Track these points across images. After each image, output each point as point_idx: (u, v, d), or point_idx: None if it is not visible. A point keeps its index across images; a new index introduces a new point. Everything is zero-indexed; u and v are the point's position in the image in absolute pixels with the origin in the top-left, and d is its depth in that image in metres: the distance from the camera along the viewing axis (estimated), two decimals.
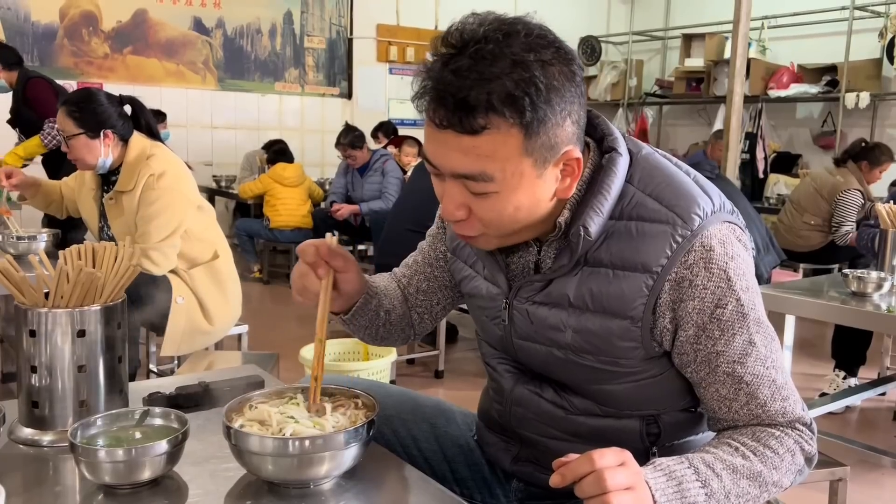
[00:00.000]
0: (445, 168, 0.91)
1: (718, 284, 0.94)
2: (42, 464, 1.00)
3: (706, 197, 0.97)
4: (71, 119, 2.34)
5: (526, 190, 0.91)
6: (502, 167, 0.88)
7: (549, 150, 0.89)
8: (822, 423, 2.84)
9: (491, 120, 0.85)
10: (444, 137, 0.88)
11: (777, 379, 0.97)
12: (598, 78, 7.92)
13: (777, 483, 0.94)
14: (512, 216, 0.93)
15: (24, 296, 1.06)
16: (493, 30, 0.87)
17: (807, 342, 4.23)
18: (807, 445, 0.97)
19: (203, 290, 2.44)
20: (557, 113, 0.87)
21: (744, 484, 0.91)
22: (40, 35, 5.40)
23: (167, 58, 5.95)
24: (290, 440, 0.89)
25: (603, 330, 0.98)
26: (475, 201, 0.92)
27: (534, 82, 0.84)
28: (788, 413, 0.97)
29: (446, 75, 0.85)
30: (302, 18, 6.59)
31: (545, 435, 1.10)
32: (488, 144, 0.86)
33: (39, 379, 1.04)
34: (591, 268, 0.98)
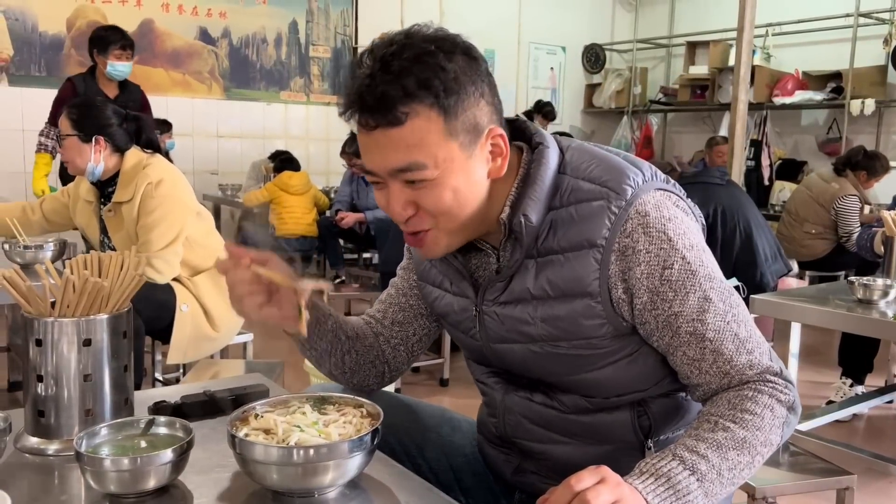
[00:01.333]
0: (382, 169, 0.96)
1: (661, 246, 0.97)
2: (48, 473, 1.00)
3: (636, 169, 1.02)
4: (69, 120, 2.38)
5: (459, 172, 0.96)
6: (432, 153, 0.93)
7: (472, 131, 0.96)
8: (828, 432, 2.84)
9: (411, 107, 0.91)
10: (375, 139, 0.94)
11: (739, 332, 0.98)
12: (603, 86, 7.93)
13: (766, 442, 0.94)
14: (453, 201, 0.97)
15: (30, 305, 1.06)
16: (395, 37, 0.95)
17: (813, 350, 4.21)
18: (782, 395, 0.97)
19: (207, 296, 2.45)
20: (471, 94, 0.94)
21: (732, 455, 0.92)
22: (48, 45, 5.44)
23: (173, 67, 5.98)
24: (294, 449, 0.89)
25: (568, 313, 1.00)
26: (417, 195, 0.97)
27: (441, 66, 0.92)
28: (756, 364, 0.98)
29: (364, 82, 0.93)
30: (307, 28, 6.62)
31: (541, 440, 1.11)
32: (414, 133, 0.92)
33: (45, 388, 1.05)
34: (544, 258, 1.01)
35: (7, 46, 5.29)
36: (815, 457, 1.94)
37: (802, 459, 1.93)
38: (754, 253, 3.53)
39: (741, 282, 3.52)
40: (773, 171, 6.58)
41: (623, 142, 7.83)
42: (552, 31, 7.78)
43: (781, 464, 1.91)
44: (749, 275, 3.52)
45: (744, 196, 3.80)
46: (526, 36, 7.65)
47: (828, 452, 2.29)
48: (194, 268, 2.46)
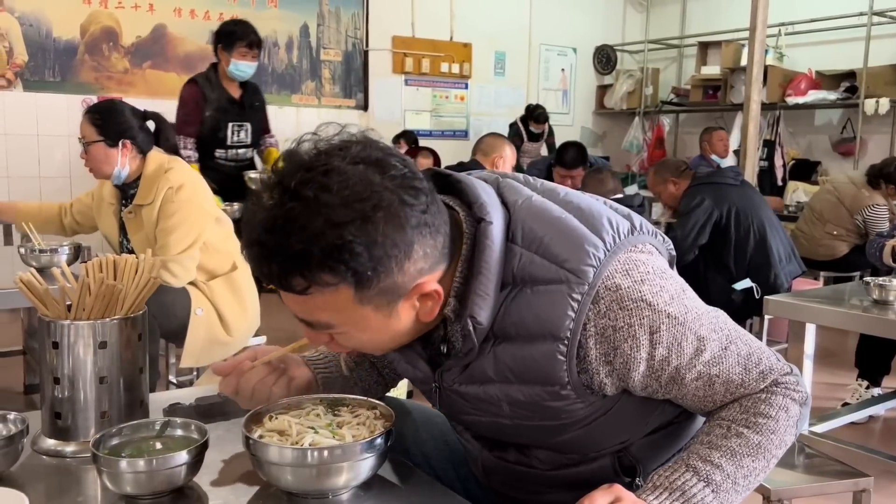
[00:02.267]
0: (294, 313, 0.89)
1: (642, 315, 0.90)
2: (65, 474, 1.01)
3: (594, 238, 0.91)
4: (93, 126, 2.38)
5: (376, 328, 0.88)
6: (340, 316, 0.86)
7: (392, 294, 0.85)
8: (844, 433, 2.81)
9: (312, 282, 0.81)
10: (281, 291, 0.86)
11: (741, 351, 0.96)
12: (614, 87, 7.90)
13: (781, 443, 0.93)
14: (374, 343, 0.92)
15: (47, 308, 1.07)
16: (311, 176, 0.80)
17: (828, 351, 4.18)
18: (795, 394, 0.96)
19: (222, 301, 2.46)
20: (392, 259, 0.82)
21: (747, 462, 0.90)
22: (62, 51, 5.49)
23: (186, 72, 6.01)
24: (308, 450, 0.89)
25: (533, 398, 0.95)
26: (336, 336, 0.91)
27: (349, 248, 0.79)
28: (767, 375, 0.96)
29: (262, 234, 0.81)
30: (318, 31, 6.64)
31: (525, 491, 1.10)
32: (317, 301, 0.84)
33: (62, 390, 1.05)
34: (500, 340, 0.93)
35: (22, 52, 5.34)
36: (830, 459, 1.92)
37: (818, 461, 1.91)
38: (768, 254, 3.51)
39: (755, 283, 3.50)
40: (787, 172, 6.54)
41: (635, 143, 7.81)
42: (563, 33, 7.77)
43: (797, 465, 1.89)
44: (763, 276, 3.50)
45: (758, 196, 3.78)
46: (537, 38, 7.64)
47: (844, 454, 2.27)
48: (210, 272, 2.47)
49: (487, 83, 7.32)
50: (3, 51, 5.27)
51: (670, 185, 3.75)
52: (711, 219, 3.48)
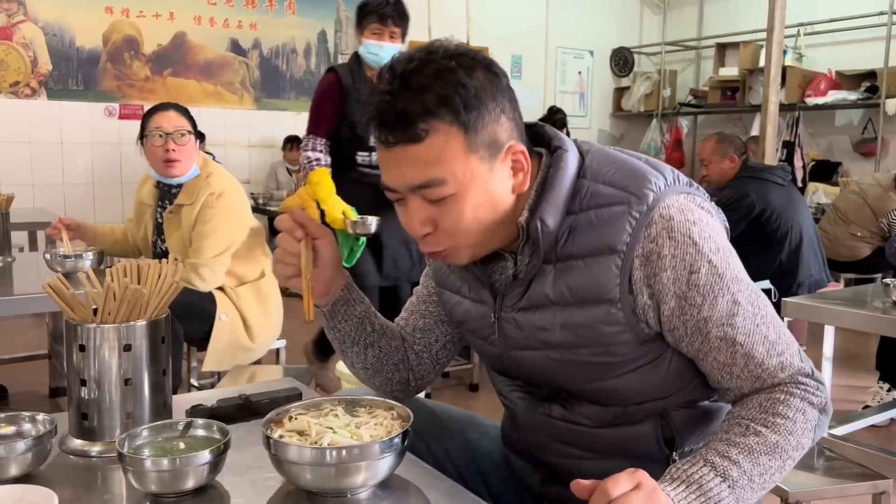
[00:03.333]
0: (402, 185, 0.96)
1: (686, 251, 0.95)
2: (91, 473, 1.04)
3: (657, 173, 1.00)
4: (186, 119, 2.46)
5: (480, 188, 0.96)
6: (452, 169, 0.93)
7: (493, 146, 0.95)
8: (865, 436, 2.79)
9: (431, 124, 0.92)
10: (395, 156, 0.94)
11: (769, 335, 0.97)
12: (632, 89, 7.88)
13: (798, 446, 0.94)
14: (473, 217, 0.97)
15: (74, 312, 1.10)
16: (415, 54, 0.95)
17: (849, 354, 4.14)
18: (814, 398, 0.96)
19: (248, 307, 2.49)
20: (491, 110, 0.94)
21: (764, 461, 0.91)
22: (85, 59, 5.58)
23: (205, 79, 6.09)
24: (327, 450, 0.91)
25: (587, 319, 0.99)
26: (437, 212, 0.96)
27: (461, 83, 0.92)
28: (787, 367, 0.97)
29: (384, 99, 0.93)
30: (336, 37, 6.69)
31: (565, 456, 1.11)
32: (434, 150, 0.92)
33: (88, 392, 1.08)
34: (563, 263, 1.00)
35: (46, 61, 5.44)
36: (850, 461, 1.91)
37: (838, 464, 1.90)
38: (798, 263, 3.48)
39: (774, 286, 3.47)
40: (807, 173, 6.49)
41: (653, 145, 7.77)
42: (580, 36, 7.76)
43: (816, 468, 1.89)
44: (786, 283, 3.47)
45: (801, 201, 3.71)
46: (553, 41, 7.64)
47: (864, 457, 2.25)
48: (240, 278, 2.51)
49: None
50: (27, 60, 5.36)
51: (728, 160, 3.66)
52: (750, 215, 3.45)
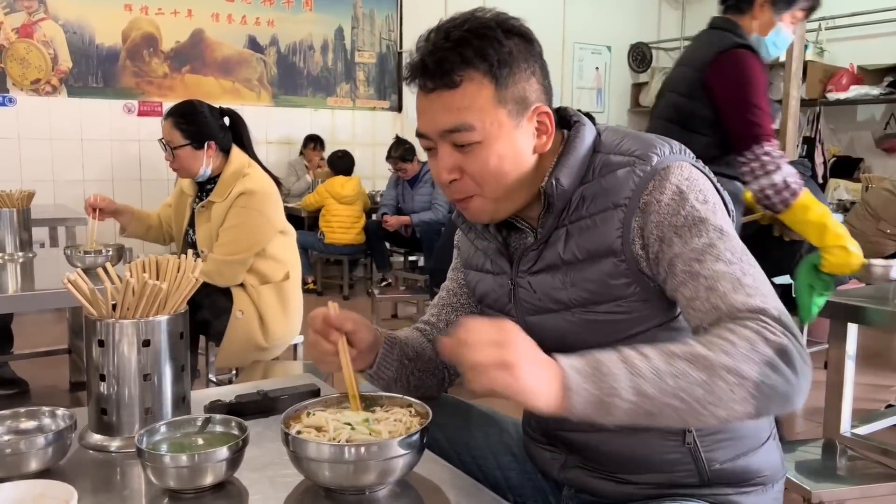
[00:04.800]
0: (434, 130, 1.03)
1: (672, 198, 0.99)
2: (110, 468, 1.04)
3: (665, 143, 1.05)
4: (178, 131, 2.45)
5: (505, 139, 1.02)
6: (481, 117, 1.00)
7: (521, 103, 1.03)
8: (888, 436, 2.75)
9: (466, 73, 0.99)
10: (431, 101, 1.02)
11: (743, 280, 0.93)
12: (649, 84, 7.82)
13: (732, 369, 0.83)
14: (498, 167, 1.03)
15: (93, 308, 1.10)
16: (461, 15, 1.04)
17: (872, 352, 4.09)
18: (771, 335, 0.86)
19: (267, 307, 2.50)
20: (522, 70, 1.02)
21: (681, 365, 0.84)
22: (104, 57, 5.62)
23: (223, 76, 6.11)
24: (346, 447, 0.90)
25: (595, 274, 1.03)
26: (464, 159, 1.03)
27: (497, 40, 1.00)
28: (751, 304, 0.90)
29: (428, 49, 1.02)
30: (353, 34, 6.70)
31: (583, 429, 1.09)
32: (466, 97, 1.00)
33: (108, 387, 1.09)
34: (574, 225, 1.06)
35: (66, 59, 5.48)
36: (873, 461, 1.88)
37: (861, 464, 1.87)
38: None
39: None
40: (828, 169, 6.41)
41: None
42: (597, 31, 7.72)
43: (839, 468, 1.86)
44: None
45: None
46: (570, 36, 7.60)
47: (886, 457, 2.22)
48: (263, 277, 2.52)
49: None
50: (48, 57, 5.41)
51: None
52: None
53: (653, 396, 0.83)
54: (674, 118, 2.25)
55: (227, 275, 2.40)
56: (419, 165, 5.48)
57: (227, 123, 2.56)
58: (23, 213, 2.70)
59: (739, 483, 1.08)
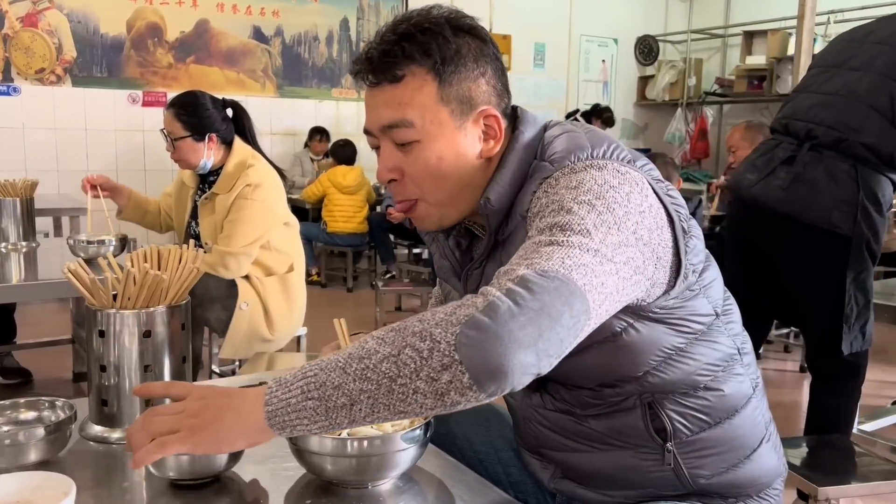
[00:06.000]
0: (376, 125, 0.99)
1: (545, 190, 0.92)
2: (111, 459, 1.03)
3: (589, 146, 0.96)
4: (179, 122, 2.43)
5: (446, 140, 0.98)
6: (421, 114, 0.96)
7: (466, 104, 0.98)
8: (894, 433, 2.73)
9: (408, 68, 0.96)
10: (374, 96, 0.99)
11: (541, 242, 0.82)
12: (656, 78, 7.79)
13: (423, 334, 0.74)
14: (437, 168, 0.98)
15: (94, 298, 1.09)
16: (414, 11, 1.00)
17: (879, 348, 4.05)
18: (483, 296, 0.76)
19: (272, 299, 2.50)
20: (470, 69, 0.98)
21: (371, 344, 0.77)
22: (109, 47, 5.60)
23: (228, 66, 6.10)
24: (348, 440, 0.89)
25: None
26: (404, 159, 0.99)
27: (444, 36, 0.97)
28: (505, 269, 0.80)
29: (375, 45, 0.99)
30: (358, 25, 6.67)
31: (561, 448, 1.08)
32: (407, 92, 0.96)
33: (108, 378, 1.08)
34: (503, 240, 1.01)
35: (70, 48, 5.47)
36: (879, 458, 1.87)
37: (867, 460, 1.86)
38: None
39: None
40: None
41: (677, 135, 7.68)
42: (603, 23, 7.68)
43: (845, 465, 1.85)
44: None
45: None
46: (577, 28, 7.57)
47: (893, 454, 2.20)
48: (268, 269, 2.52)
49: (527, 75, 7.27)
50: (52, 47, 5.40)
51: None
52: None
53: (340, 385, 0.76)
54: (882, 107, 2.04)
55: (231, 267, 2.40)
56: None
57: (229, 115, 2.54)
58: (26, 203, 2.69)
59: (732, 494, 1.06)
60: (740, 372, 1.04)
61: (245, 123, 2.59)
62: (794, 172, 2.10)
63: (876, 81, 2.07)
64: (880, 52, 2.12)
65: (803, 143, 2.13)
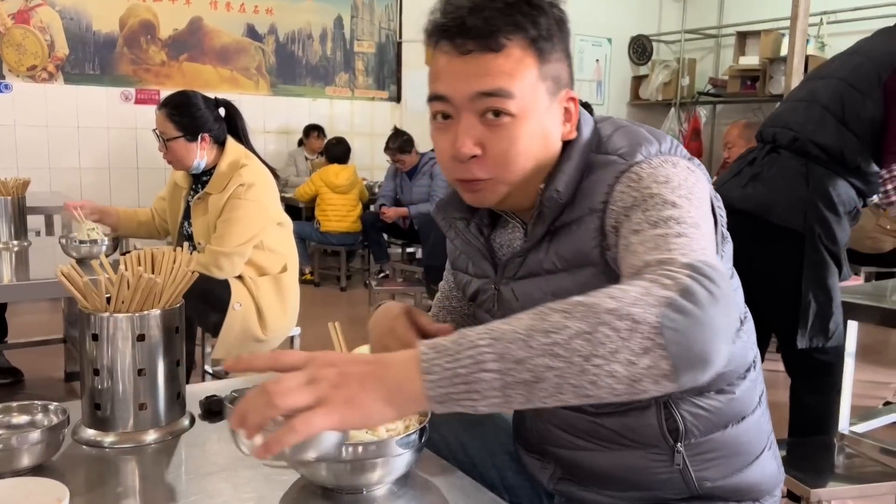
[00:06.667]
0: (465, 93, 0.93)
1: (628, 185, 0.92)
2: (104, 464, 1.03)
3: (655, 141, 0.97)
4: (171, 122, 2.42)
5: (538, 118, 0.95)
6: (521, 87, 0.93)
7: (556, 82, 0.96)
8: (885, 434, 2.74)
9: (512, 39, 0.92)
10: (465, 64, 0.92)
11: (672, 240, 0.81)
12: (650, 77, 7.80)
13: (617, 312, 0.69)
14: (525, 149, 0.94)
15: (87, 301, 1.09)
16: None
17: (870, 349, 4.08)
18: (668, 280, 0.73)
19: (265, 299, 2.49)
20: (560, 49, 0.97)
21: (556, 317, 0.70)
22: (101, 44, 5.58)
23: (221, 64, 6.08)
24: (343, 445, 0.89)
25: (574, 284, 0.95)
26: (490, 135, 0.94)
27: (545, 11, 0.95)
28: (661, 258, 0.79)
29: (470, 7, 0.92)
30: (352, 23, 6.66)
31: (569, 446, 1.08)
32: (509, 63, 0.92)
33: (101, 381, 1.07)
34: (556, 235, 0.99)
35: (63, 45, 5.44)
36: (871, 459, 1.88)
37: (858, 462, 1.87)
38: None
39: None
40: None
41: (670, 134, 7.69)
42: (597, 23, 7.68)
43: (836, 466, 1.86)
44: None
45: None
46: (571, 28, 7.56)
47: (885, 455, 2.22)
48: (261, 269, 2.51)
49: None
50: (44, 44, 5.37)
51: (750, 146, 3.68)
52: None
53: (523, 360, 0.68)
54: (834, 108, 2.13)
55: (224, 267, 2.39)
56: (417, 157, 5.46)
57: (222, 114, 2.53)
58: (18, 201, 2.67)
59: (735, 498, 1.06)
60: (753, 378, 1.07)
61: (237, 123, 2.58)
62: (754, 172, 2.22)
63: (833, 85, 2.17)
64: (850, 61, 2.20)
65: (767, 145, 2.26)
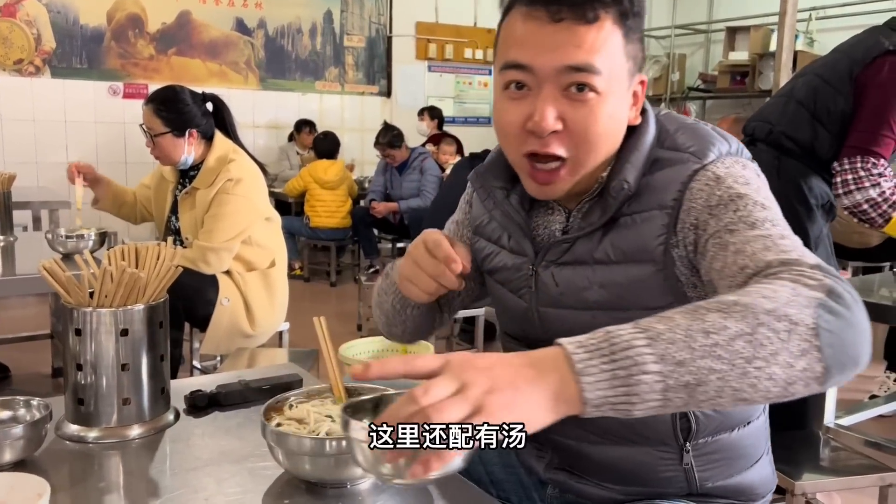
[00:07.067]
0: (553, 64, 0.90)
1: (706, 183, 0.92)
2: (87, 459, 1.02)
3: (724, 140, 0.97)
4: (158, 118, 2.41)
5: (619, 98, 0.93)
6: (610, 64, 0.91)
7: (636, 63, 0.95)
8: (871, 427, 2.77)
9: (607, 11, 0.90)
10: (557, 33, 0.89)
11: (778, 240, 0.82)
12: None
13: (775, 312, 0.67)
14: (605, 127, 0.92)
15: (70, 295, 1.08)
16: None
17: None
18: (811, 280, 0.72)
19: (253, 294, 2.49)
20: (640, 29, 0.96)
21: (712, 317, 0.68)
22: (88, 38, 5.54)
23: (210, 58, 6.05)
24: (327, 440, 0.89)
25: (627, 278, 0.95)
26: (571, 111, 0.91)
27: None
28: (784, 258, 0.78)
29: None
30: (342, 17, 6.63)
31: (575, 438, 1.07)
32: (600, 36, 0.90)
33: (84, 377, 1.06)
34: (613, 220, 0.97)
35: (50, 39, 5.40)
36: (856, 452, 1.89)
37: (844, 455, 1.88)
38: None
39: None
40: None
41: None
42: None
43: (822, 459, 1.87)
44: None
45: None
46: None
47: (870, 448, 2.23)
48: (249, 264, 2.51)
49: None
50: (31, 38, 5.33)
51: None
52: None
53: (684, 361, 0.65)
54: (807, 103, 2.15)
55: (212, 262, 2.38)
56: (407, 152, 5.46)
57: (209, 109, 2.52)
58: (4, 196, 2.66)
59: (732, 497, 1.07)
60: None
61: (225, 117, 2.57)
62: None
63: (808, 80, 2.20)
64: (829, 58, 2.25)
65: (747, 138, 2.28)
